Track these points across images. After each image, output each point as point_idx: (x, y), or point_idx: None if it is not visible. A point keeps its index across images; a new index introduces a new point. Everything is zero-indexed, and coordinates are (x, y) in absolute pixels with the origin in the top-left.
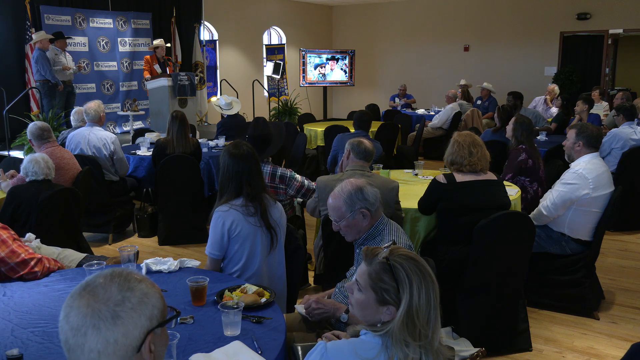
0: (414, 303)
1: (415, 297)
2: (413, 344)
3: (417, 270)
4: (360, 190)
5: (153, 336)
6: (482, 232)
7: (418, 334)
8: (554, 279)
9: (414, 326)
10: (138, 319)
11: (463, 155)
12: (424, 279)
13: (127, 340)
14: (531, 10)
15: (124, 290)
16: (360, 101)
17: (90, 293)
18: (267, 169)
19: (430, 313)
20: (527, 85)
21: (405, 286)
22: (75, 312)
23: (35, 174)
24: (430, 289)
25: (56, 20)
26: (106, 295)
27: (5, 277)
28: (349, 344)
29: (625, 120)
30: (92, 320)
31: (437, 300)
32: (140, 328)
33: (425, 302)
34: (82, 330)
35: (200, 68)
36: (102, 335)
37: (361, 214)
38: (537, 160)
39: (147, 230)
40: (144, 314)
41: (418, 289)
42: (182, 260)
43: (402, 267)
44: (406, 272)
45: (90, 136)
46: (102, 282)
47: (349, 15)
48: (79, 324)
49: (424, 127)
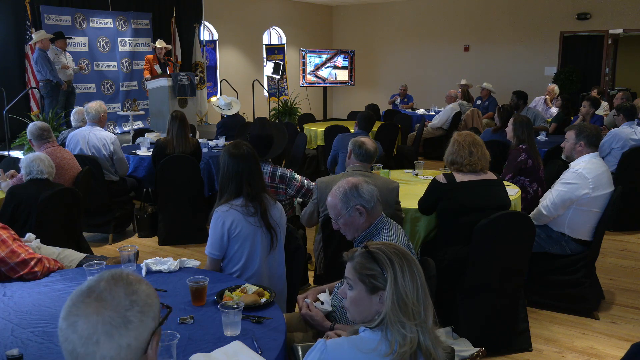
0: (399, 281)
1: (399, 274)
2: (409, 323)
3: (396, 250)
4: (356, 188)
5: (157, 335)
6: (482, 232)
7: (411, 312)
8: (554, 279)
9: (405, 304)
10: (146, 320)
11: (463, 155)
12: (404, 258)
13: (138, 343)
14: (531, 10)
15: (130, 294)
16: (360, 101)
17: (97, 300)
18: (267, 169)
19: (419, 290)
20: (527, 85)
21: (387, 266)
22: (84, 320)
23: (40, 173)
24: (413, 266)
25: (56, 20)
26: (114, 301)
27: (5, 277)
28: (348, 340)
29: (626, 120)
30: (104, 327)
31: (422, 278)
32: (148, 329)
33: (410, 279)
34: (94, 339)
35: (200, 68)
36: (114, 341)
37: (357, 211)
38: (537, 160)
39: (147, 230)
40: (150, 315)
41: (400, 267)
42: (182, 260)
43: (380, 250)
44: (385, 254)
45: (90, 136)
46: (107, 287)
47: (349, 15)
48: (90, 332)
49: (424, 127)
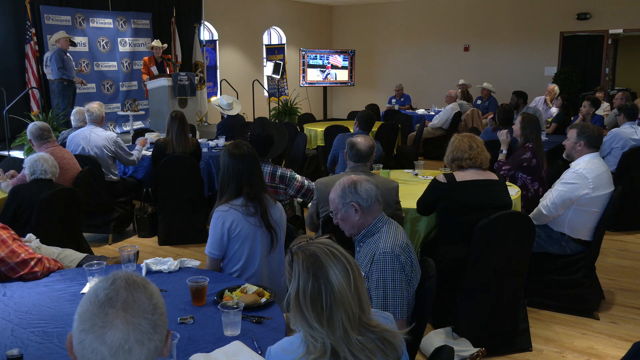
0: (301, 285)
1: (302, 279)
2: (316, 328)
3: (315, 254)
4: (354, 185)
5: (169, 332)
6: (482, 232)
7: (310, 316)
8: (554, 279)
9: (300, 308)
10: (165, 319)
11: (463, 149)
12: (318, 263)
13: (161, 344)
14: (531, 10)
15: (149, 298)
16: (360, 101)
17: (123, 309)
18: (267, 169)
19: (324, 298)
20: (527, 85)
21: (295, 270)
22: (113, 331)
23: (44, 172)
24: (329, 270)
25: (56, 20)
26: (140, 307)
27: (5, 277)
28: (283, 343)
29: (627, 120)
30: (134, 335)
31: (338, 285)
32: (166, 328)
33: (312, 285)
34: (126, 348)
35: (200, 68)
36: (145, 347)
37: (352, 208)
38: (542, 160)
39: (147, 230)
40: (165, 314)
41: (308, 271)
42: (182, 260)
43: (298, 254)
44: (300, 258)
45: (91, 136)
46: (129, 295)
47: (349, 15)
48: (122, 342)
49: (424, 127)
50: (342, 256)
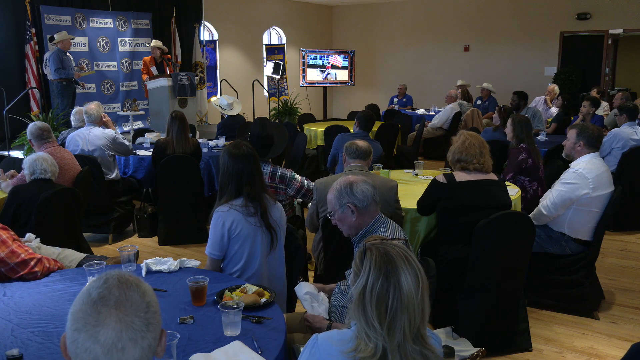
0: (369, 284)
1: (371, 279)
2: (374, 328)
3: (389, 256)
4: (350, 186)
5: (164, 330)
6: (482, 232)
7: (370, 318)
8: (554, 279)
9: (364, 308)
10: (159, 318)
11: (474, 154)
12: (392, 266)
13: (154, 342)
14: (531, 10)
15: (142, 296)
16: (360, 101)
17: (116, 308)
18: (267, 169)
19: (390, 303)
20: (527, 85)
21: (366, 268)
22: (106, 329)
23: (44, 172)
24: (400, 275)
25: (56, 20)
26: (133, 305)
27: (5, 277)
28: (333, 334)
29: (628, 120)
30: (128, 334)
31: (406, 290)
32: (160, 327)
33: (381, 287)
34: (119, 346)
35: (200, 68)
36: (139, 345)
37: (348, 208)
38: (537, 159)
39: (147, 230)
40: (159, 312)
41: (379, 273)
42: (182, 260)
43: (372, 251)
44: (374, 256)
45: (90, 136)
46: (121, 294)
47: (349, 15)
48: (114, 340)
49: (424, 127)
50: (414, 263)
